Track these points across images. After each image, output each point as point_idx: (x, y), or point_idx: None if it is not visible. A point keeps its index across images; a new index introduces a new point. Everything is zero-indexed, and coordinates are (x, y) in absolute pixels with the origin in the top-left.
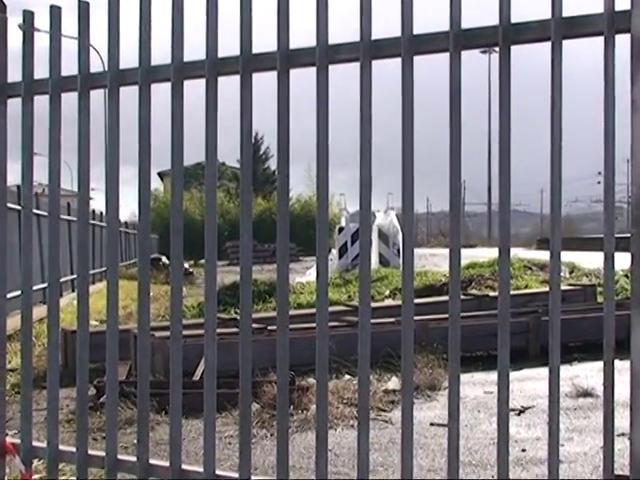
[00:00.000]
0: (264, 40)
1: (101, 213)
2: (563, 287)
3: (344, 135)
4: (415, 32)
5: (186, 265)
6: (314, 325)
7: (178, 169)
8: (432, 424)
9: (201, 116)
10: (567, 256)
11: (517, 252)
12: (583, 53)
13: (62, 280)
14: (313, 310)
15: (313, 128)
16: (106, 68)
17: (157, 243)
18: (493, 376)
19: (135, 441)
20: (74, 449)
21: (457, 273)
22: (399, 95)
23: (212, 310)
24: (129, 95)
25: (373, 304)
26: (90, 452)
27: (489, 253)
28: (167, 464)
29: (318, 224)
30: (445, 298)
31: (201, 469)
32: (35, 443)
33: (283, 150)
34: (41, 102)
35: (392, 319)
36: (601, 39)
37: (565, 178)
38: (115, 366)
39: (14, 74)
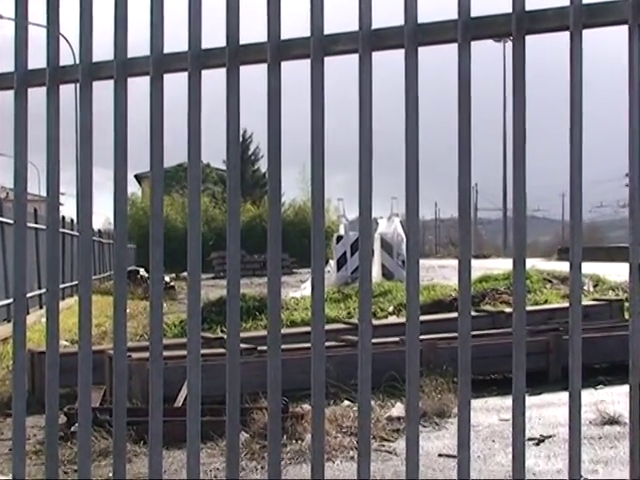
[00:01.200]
0: (253, 30)
1: (72, 220)
2: (586, 302)
3: (342, 134)
4: (420, 21)
5: (167, 278)
6: (309, 345)
7: (157, 171)
8: (441, 455)
9: (183, 113)
10: (591, 267)
11: (535, 263)
12: (605, 43)
13: (29, 295)
14: (308, 328)
15: (307, 126)
16: (78, 60)
17: (135, 254)
18: (509, 401)
19: (110, 474)
20: None
21: (468, 287)
22: (402, 89)
23: (196, 329)
24: (103, 90)
25: (375, 322)
26: None
27: (504, 264)
28: None
29: (313, 232)
30: (455, 315)
31: None
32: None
33: (274, 150)
34: (5, 97)
35: (396, 338)
36: (625, 28)
37: (589, 180)
38: (88, 391)
39: None
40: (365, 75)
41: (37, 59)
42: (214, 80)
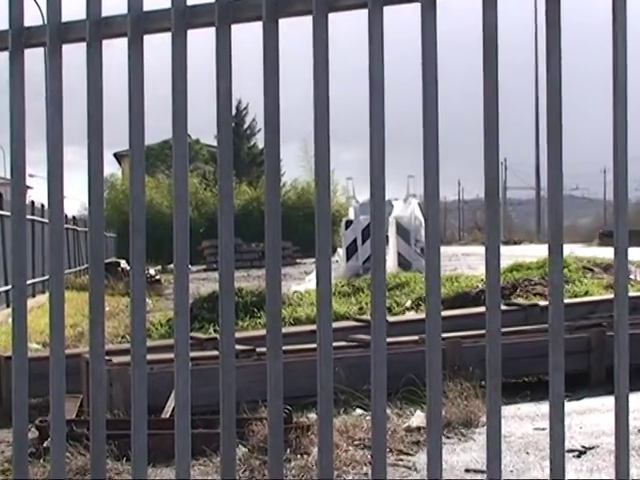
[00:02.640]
0: None
1: (42, 206)
2: (634, 293)
3: (350, 105)
4: None
5: (152, 271)
6: (315, 346)
7: (138, 148)
8: (468, 470)
9: (168, 82)
10: (638, 253)
11: (574, 249)
12: None
13: None
14: (314, 327)
15: (310, 96)
16: (46, 21)
17: (114, 243)
18: (545, 408)
19: None
20: None
21: (497, 277)
22: (419, 53)
23: (184, 328)
24: (75, 55)
25: (390, 318)
26: None
27: (538, 251)
28: None
29: (318, 216)
30: (482, 309)
31: None
32: None
33: (272, 123)
34: None
35: (415, 337)
36: None
37: (634, 154)
38: (62, 401)
39: None
40: (375, 33)
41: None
42: (204, 42)
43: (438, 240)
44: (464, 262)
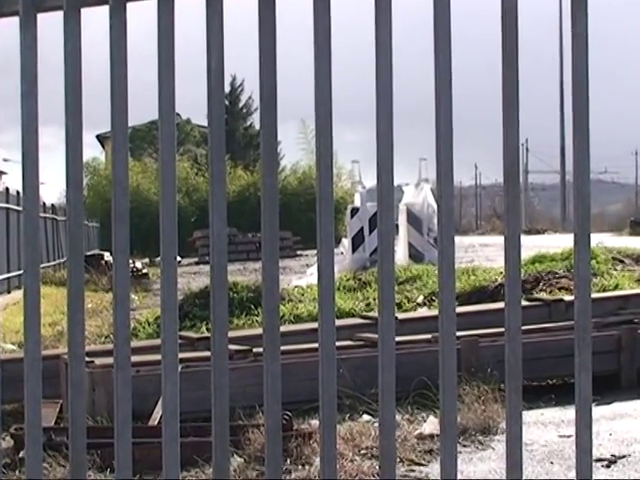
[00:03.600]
0: None
1: (18, 193)
2: None
3: (355, 82)
4: None
5: (138, 264)
6: (317, 345)
7: (121, 129)
8: None
9: (153, 53)
10: None
11: (603, 239)
12: None
13: None
14: (316, 324)
15: (310, 70)
16: None
17: (97, 234)
18: (571, 413)
19: None
20: None
21: (517, 270)
22: (431, 21)
23: (173, 326)
24: (50, 23)
25: (400, 315)
26: None
27: (563, 241)
28: None
29: (320, 203)
30: (501, 305)
31: None
32: None
33: (269, 100)
34: None
35: (427, 335)
36: None
37: None
38: (38, 407)
39: None
40: (383, 1)
41: None
42: (194, 9)
43: (453, 229)
44: (481, 253)
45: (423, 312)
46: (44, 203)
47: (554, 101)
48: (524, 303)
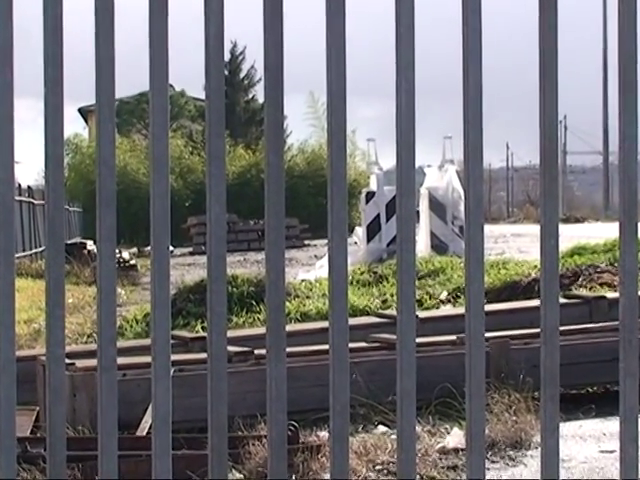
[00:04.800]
0: None
1: None
2: None
3: (371, 46)
4: None
5: (126, 255)
6: (327, 347)
7: (107, 101)
8: None
9: (145, 15)
10: None
11: None
12: None
13: None
14: (326, 324)
15: (320, 35)
16: None
17: (80, 220)
18: (614, 425)
19: None
20: None
21: (555, 262)
22: None
23: (165, 325)
24: None
25: (421, 313)
26: None
27: (606, 231)
28: None
29: (332, 186)
30: (536, 302)
31: None
32: None
33: (275, 69)
34: None
35: (452, 337)
36: None
37: None
38: (13, 415)
39: None
40: None
41: None
42: None
43: (482, 216)
44: (513, 244)
45: (447, 310)
46: (19, 185)
47: (596, 74)
48: (561, 301)
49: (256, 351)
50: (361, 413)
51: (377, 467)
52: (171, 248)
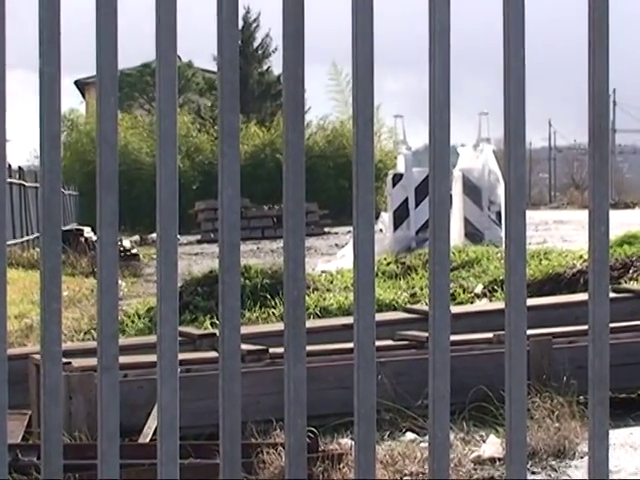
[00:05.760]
0: None
1: None
2: None
3: (397, 13)
4: None
5: (127, 243)
6: (351, 346)
7: (109, 73)
8: None
9: None
10: None
11: None
12: None
13: None
14: (349, 320)
15: (344, 1)
16: None
17: (76, 204)
18: None
19: None
20: None
21: (604, 252)
22: None
23: (171, 320)
24: None
25: (455, 308)
26: None
27: None
28: None
29: (357, 167)
30: (582, 297)
31: None
32: None
33: (295, 36)
34: None
35: (489, 334)
36: None
37: None
38: (2, 419)
39: None
40: None
41: None
42: None
43: (524, 201)
44: (556, 232)
45: (482, 305)
46: (9, 165)
47: None
48: (611, 295)
49: (271, 349)
50: (387, 419)
51: (405, 478)
52: (177, 236)
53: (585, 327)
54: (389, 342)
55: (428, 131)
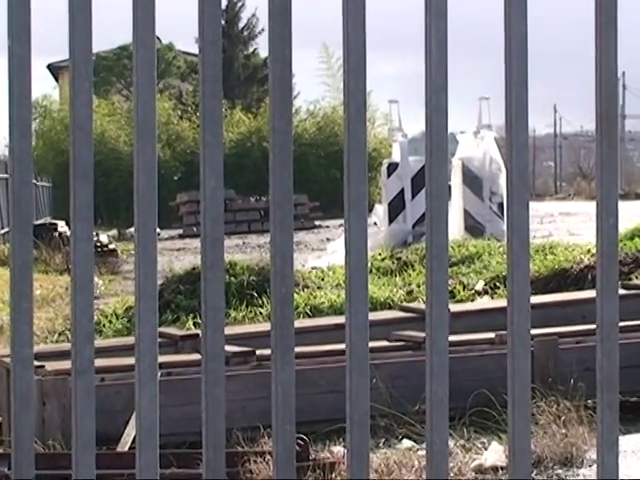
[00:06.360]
0: None
1: None
2: None
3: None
4: None
5: (103, 238)
6: (343, 347)
7: (83, 55)
8: None
9: None
10: None
11: None
12: None
13: None
14: (341, 319)
15: None
16: None
17: (49, 197)
18: None
19: None
20: None
21: (614, 245)
22: None
23: (150, 320)
24: None
25: (454, 307)
26: None
27: None
28: None
29: (348, 157)
30: (590, 294)
31: None
32: None
33: (282, 15)
34: None
35: (490, 334)
36: None
37: None
38: None
39: None
40: None
41: None
42: None
43: (527, 191)
44: (562, 225)
45: (484, 303)
46: None
47: None
48: (621, 292)
49: (258, 351)
50: (383, 425)
51: None
52: (157, 230)
53: (593, 326)
54: (384, 343)
55: (425, 117)
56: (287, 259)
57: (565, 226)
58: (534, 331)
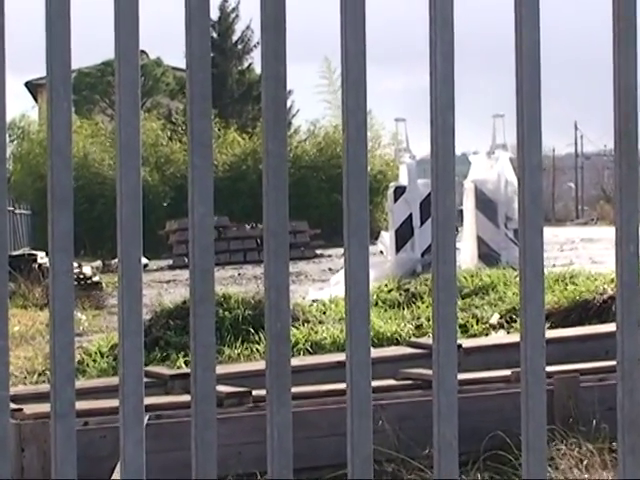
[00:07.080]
0: None
1: None
2: None
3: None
4: None
5: (87, 269)
6: (344, 386)
7: (62, 73)
8: None
9: None
10: None
11: None
12: None
13: None
14: (343, 356)
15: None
16: None
17: (28, 225)
18: None
19: None
20: None
21: (634, 275)
22: None
23: (136, 359)
24: None
25: (466, 342)
26: None
27: None
28: None
29: (347, 182)
30: (613, 327)
31: None
32: None
33: (276, 26)
34: None
35: (506, 371)
36: None
37: None
38: None
39: None
40: None
41: None
42: None
43: (540, 216)
44: (584, 252)
45: (499, 337)
46: None
47: None
48: None
49: (254, 392)
50: (389, 470)
51: None
52: (145, 261)
53: (615, 362)
54: (391, 382)
55: (430, 137)
56: (282, 292)
57: (587, 253)
58: (554, 368)
